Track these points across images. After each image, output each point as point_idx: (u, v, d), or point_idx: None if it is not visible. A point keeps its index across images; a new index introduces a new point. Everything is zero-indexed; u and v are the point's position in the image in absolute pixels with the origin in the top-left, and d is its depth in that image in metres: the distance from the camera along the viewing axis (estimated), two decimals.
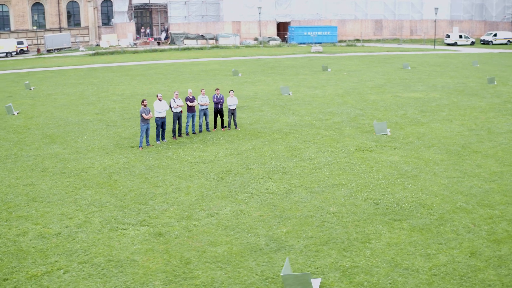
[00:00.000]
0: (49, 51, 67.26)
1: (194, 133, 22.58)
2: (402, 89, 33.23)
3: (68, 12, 71.97)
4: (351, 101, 29.14)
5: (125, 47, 67.26)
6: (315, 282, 9.82)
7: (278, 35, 78.43)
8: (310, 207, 14.01)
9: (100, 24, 74.29)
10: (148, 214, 13.89)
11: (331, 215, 13.41)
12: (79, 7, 72.46)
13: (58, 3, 70.36)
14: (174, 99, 21.79)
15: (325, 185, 15.73)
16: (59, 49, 68.02)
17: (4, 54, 63.76)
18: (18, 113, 28.06)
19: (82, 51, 65.88)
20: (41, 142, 21.83)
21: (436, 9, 70.00)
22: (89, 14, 72.38)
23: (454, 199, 14.42)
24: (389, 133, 21.67)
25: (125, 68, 49.26)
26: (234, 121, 23.32)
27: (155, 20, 76.28)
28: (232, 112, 23.14)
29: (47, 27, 71.08)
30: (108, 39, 70.18)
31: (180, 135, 22.20)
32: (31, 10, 69.64)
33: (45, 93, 34.74)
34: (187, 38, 69.74)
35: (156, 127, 21.28)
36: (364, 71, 43.28)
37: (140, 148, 20.52)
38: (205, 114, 22.76)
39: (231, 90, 23.26)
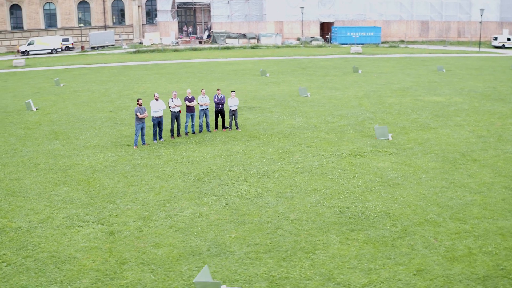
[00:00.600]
0: (93, 48, 69.18)
1: (194, 133, 22.54)
2: (425, 93, 32.04)
3: (113, 10, 73.78)
4: (367, 104, 28.35)
5: (166, 46, 68.30)
6: None
7: (321, 35, 77.55)
8: (271, 212, 13.65)
9: (144, 22, 75.76)
10: (110, 212, 13.93)
11: (288, 222, 13.01)
12: (124, 6, 74.17)
13: (104, 1, 72.28)
14: (172, 98, 21.82)
15: (298, 190, 15.31)
16: (102, 47, 69.84)
17: (50, 51, 66.01)
18: (37, 109, 28.89)
19: (124, 48, 67.36)
20: (45, 138, 22.38)
21: (482, 10, 67.25)
22: (133, 12, 73.95)
23: (426, 210, 13.69)
24: (390, 138, 20.90)
25: (159, 66, 49.97)
26: (235, 122, 23.14)
27: (199, 19, 77.07)
28: (233, 113, 22.96)
29: (93, 24, 73.15)
30: (151, 37, 71.46)
31: (178, 134, 22.22)
32: (77, 8, 71.83)
33: (71, 90, 35.69)
34: (229, 37, 70.05)
35: (153, 126, 21.37)
36: (395, 73, 42.07)
37: (134, 147, 20.67)
38: (205, 114, 22.68)
39: (232, 91, 23.08)
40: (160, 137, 21.59)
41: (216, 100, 22.64)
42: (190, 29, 75.40)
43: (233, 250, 11.51)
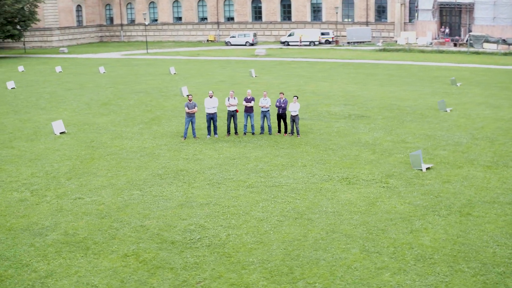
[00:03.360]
0: (348, 43, 70.82)
1: (253, 133, 22.68)
2: None
3: (377, 7, 73.75)
4: (500, 133, 23.08)
5: (420, 46, 65.23)
6: None
7: None
8: (140, 215, 13.82)
9: (407, 20, 73.53)
10: (56, 186, 16.27)
11: (139, 228, 13.24)
12: (386, 3, 73.38)
13: None
14: (228, 97, 22.42)
15: (215, 203, 14.83)
16: (358, 42, 70.80)
17: (308, 43, 70.25)
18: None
19: (378, 46, 66.98)
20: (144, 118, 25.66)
21: None
22: (395, 10, 72.51)
23: (291, 256, 11.77)
24: (424, 170, 17.37)
25: (377, 66, 48.45)
26: (296, 128, 22.29)
27: (463, 20, 70.75)
28: (293, 119, 22.18)
29: (355, 20, 74.63)
30: (406, 36, 69.10)
31: (236, 133, 22.67)
32: (342, 3, 74.23)
33: (261, 80, 38.22)
34: (487, 41, 62.75)
35: (207, 122, 22.41)
36: None
37: (183, 138, 22.14)
38: (265, 117, 22.55)
39: (294, 96, 22.28)
40: (215, 133, 22.49)
41: (277, 104, 22.28)
42: (447, 30, 69.93)
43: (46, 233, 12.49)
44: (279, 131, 22.73)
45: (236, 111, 22.56)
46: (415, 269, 10.94)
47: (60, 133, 23.38)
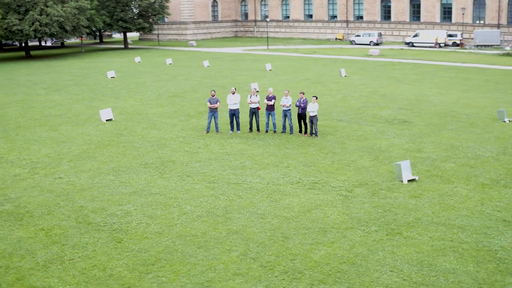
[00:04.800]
0: (477, 46, 65.45)
1: (274, 131, 22.60)
2: None
3: (510, 8, 66.89)
4: None
5: None
6: None
7: None
8: (92, 204, 14.94)
9: None
10: (54, 166, 18.08)
11: (78, 208, 14.38)
12: None
13: None
14: (250, 95, 22.56)
15: (163, 193, 15.36)
16: (486, 46, 65.10)
17: (434, 45, 66.28)
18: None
19: (505, 50, 61.06)
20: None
21: None
22: None
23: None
24: (405, 181, 16.02)
25: (480, 70, 44.41)
26: (314, 129, 21.73)
27: None
28: (311, 119, 21.64)
29: (486, 22, 68.48)
30: None
31: (258, 130, 22.76)
32: (473, 4, 68.54)
33: (346, 79, 37.62)
34: None
35: (229, 118, 22.81)
36: None
37: (206, 132, 22.81)
38: (286, 116, 22.30)
39: (314, 96, 21.72)
40: (238, 129, 22.82)
41: (297, 103, 21.96)
42: None
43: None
44: (300, 131, 22.36)
45: (258, 108, 22.67)
46: (273, 281, 10.44)
47: (106, 120, 25.46)
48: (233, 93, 22.61)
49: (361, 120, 24.67)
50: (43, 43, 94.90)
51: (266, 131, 22.78)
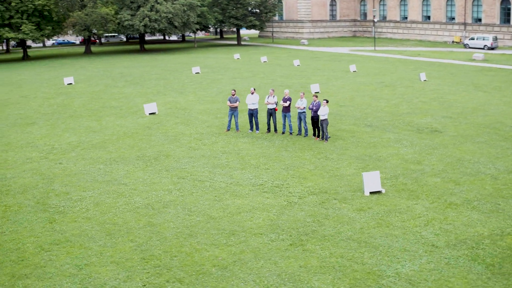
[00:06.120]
0: None
1: (291, 133, 22.56)
2: None
3: None
4: None
5: None
6: None
7: None
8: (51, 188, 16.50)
9: None
10: (66, 152, 20.02)
11: (48, 190, 15.91)
12: None
13: None
14: (268, 96, 22.71)
15: (128, 184, 16.50)
16: None
17: None
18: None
19: None
20: None
21: None
22: None
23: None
24: (366, 193, 15.29)
25: None
26: (324, 132, 21.31)
27: None
28: (321, 123, 21.26)
29: None
30: None
31: (275, 131, 22.85)
32: None
33: (423, 84, 36.02)
34: None
35: (248, 117, 23.18)
36: None
37: (226, 130, 23.44)
38: (300, 118, 22.13)
39: (324, 99, 21.29)
40: (257, 129, 23.14)
41: (310, 106, 21.75)
42: None
43: None
44: (314, 134, 22.06)
45: (275, 109, 22.76)
46: (137, 273, 10.92)
47: (149, 114, 27.15)
48: (252, 93, 22.96)
49: (390, 127, 23.60)
50: (167, 37, 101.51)
51: (283, 132, 22.80)
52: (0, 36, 60.18)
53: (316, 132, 21.99)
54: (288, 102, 22.43)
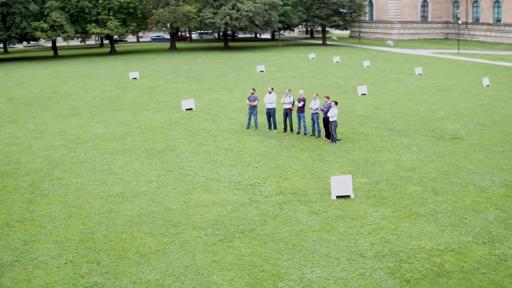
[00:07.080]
0: None
1: (305, 134, 22.65)
2: None
3: None
4: None
5: None
6: None
7: None
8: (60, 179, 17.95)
9: None
10: (90, 143, 21.70)
11: (45, 174, 17.50)
12: None
13: None
14: (284, 95, 22.92)
15: (117, 173, 17.60)
16: None
17: None
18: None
19: None
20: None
21: None
22: None
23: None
24: (333, 197, 15.16)
25: None
26: (332, 134, 21.16)
27: None
28: (330, 125, 21.14)
29: None
30: None
31: (291, 130, 23.02)
32: None
33: (484, 90, 34.35)
34: None
35: (266, 116, 23.55)
36: None
37: (245, 128, 23.99)
38: (313, 119, 22.12)
39: (333, 101, 21.13)
40: (275, 128, 23.47)
41: (322, 108, 21.71)
42: None
43: None
44: (326, 135, 21.96)
45: (291, 109, 22.92)
46: (65, 255, 11.86)
47: (186, 109, 28.34)
48: (270, 93, 23.29)
49: (411, 132, 22.86)
50: (258, 36, 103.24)
51: (298, 132, 22.92)
52: (87, 31, 64.95)
53: (328, 133, 21.94)
54: (302, 103, 22.53)
